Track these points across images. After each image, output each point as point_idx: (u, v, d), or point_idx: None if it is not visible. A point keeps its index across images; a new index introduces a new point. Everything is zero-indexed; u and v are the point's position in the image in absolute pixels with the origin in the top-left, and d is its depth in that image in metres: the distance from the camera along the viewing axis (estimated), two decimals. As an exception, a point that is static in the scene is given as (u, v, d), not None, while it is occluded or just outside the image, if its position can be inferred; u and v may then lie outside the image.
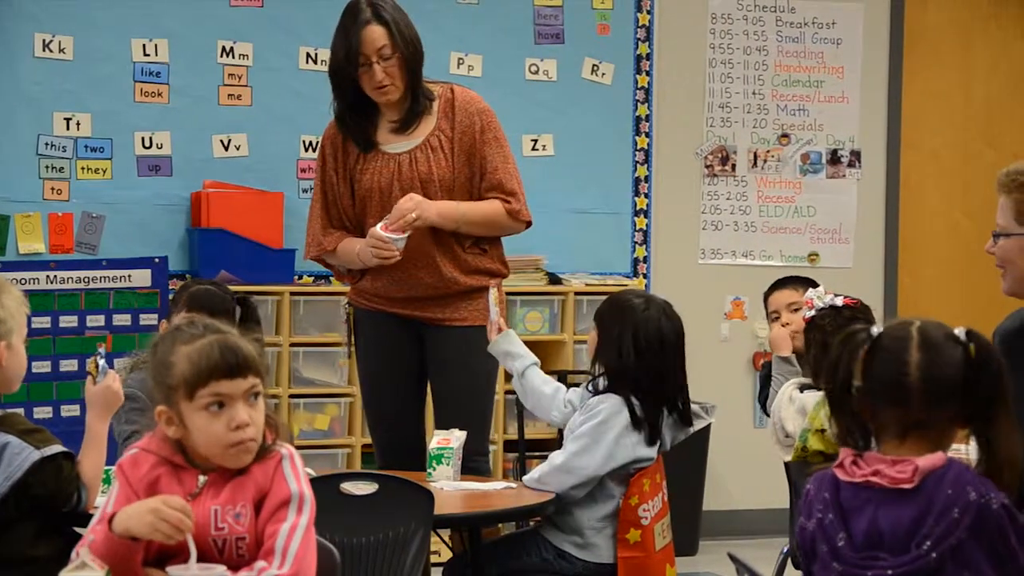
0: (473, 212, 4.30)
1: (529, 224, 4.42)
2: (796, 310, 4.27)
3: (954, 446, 2.46)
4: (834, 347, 2.47)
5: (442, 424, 4.19)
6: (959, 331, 2.43)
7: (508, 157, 4.37)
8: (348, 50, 4.26)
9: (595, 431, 3.81)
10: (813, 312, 3.93)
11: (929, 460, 2.36)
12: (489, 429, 4.54)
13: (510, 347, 4.06)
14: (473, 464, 4.18)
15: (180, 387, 2.51)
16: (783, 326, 4.36)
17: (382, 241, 4.17)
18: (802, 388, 3.90)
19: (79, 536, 2.61)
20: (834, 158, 6.93)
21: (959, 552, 2.30)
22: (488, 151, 4.33)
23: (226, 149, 6.00)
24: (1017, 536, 2.34)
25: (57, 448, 3.19)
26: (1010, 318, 3.25)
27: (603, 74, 6.55)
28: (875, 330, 2.43)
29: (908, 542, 2.31)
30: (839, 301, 3.93)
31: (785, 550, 4.36)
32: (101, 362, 3.28)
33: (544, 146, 6.42)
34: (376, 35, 4.25)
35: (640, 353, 3.82)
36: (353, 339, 4.49)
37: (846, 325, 3.80)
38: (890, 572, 2.31)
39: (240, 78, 6.02)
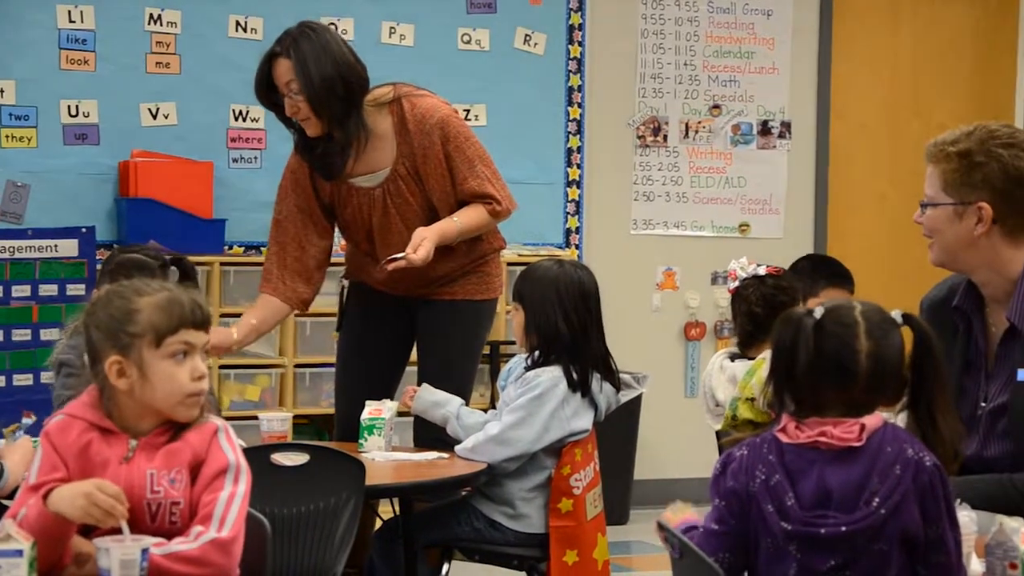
0: (468, 224, 4.24)
1: (515, 208, 4.37)
2: None
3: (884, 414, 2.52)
4: (777, 329, 2.53)
5: None
6: (895, 314, 2.52)
7: (474, 159, 4.24)
8: (260, 76, 4.19)
9: (531, 404, 3.82)
10: (737, 283, 3.97)
11: (872, 420, 2.45)
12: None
13: (433, 396, 4.01)
14: (448, 437, 4.12)
15: (147, 334, 2.51)
16: None
17: None
18: (732, 357, 3.92)
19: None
20: (764, 129, 6.97)
21: (901, 507, 2.39)
22: (453, 163, 4.22)
23: (154, 118, 5.93)
24: (946, 502, 2.43)
25: None
26: (937, 287, 3.27)
27: (535, 44, 6.53)
28: (817, 312, 2.48)
29: (857, 499, 2.40)
30: (762, 270, 3.97)
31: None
32: (19, 432, 3.27)
33: (476, 116, 6.40)
34: (282, 69, 4.14)
35: (565, 308, 3.84)
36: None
37: (769, 293, 3.89)
38: (844, 528, 2.39)
39: (168, 46, 5.95)
